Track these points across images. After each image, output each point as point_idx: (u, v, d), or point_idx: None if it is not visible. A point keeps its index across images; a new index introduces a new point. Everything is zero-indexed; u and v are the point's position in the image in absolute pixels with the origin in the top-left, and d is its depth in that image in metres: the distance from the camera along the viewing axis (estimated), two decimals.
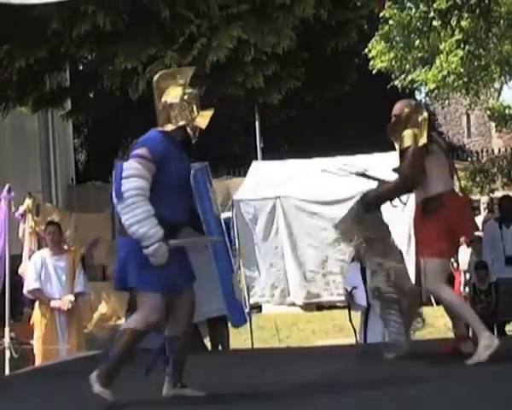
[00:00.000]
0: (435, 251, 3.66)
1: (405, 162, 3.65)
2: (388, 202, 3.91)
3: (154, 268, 3.07)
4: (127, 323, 3.23)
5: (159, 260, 3.04)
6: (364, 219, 3.83)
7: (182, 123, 3.17)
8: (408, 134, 3.68)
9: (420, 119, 3.75)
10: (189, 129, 3.19)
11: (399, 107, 3.87)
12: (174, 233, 3.13)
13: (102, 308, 6.67)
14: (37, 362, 5.45)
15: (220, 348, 5.83)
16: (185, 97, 3.19)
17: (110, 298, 6.67)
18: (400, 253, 4.13)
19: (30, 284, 5.47)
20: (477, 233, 7.70)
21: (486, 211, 8.10)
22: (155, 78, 3.26)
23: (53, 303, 5.41)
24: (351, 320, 5.23)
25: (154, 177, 3.10)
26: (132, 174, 3.07)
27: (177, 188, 3.14)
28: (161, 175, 3.10)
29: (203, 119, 3.21)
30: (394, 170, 3.77)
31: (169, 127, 3.18)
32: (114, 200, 3.14)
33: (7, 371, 5.44)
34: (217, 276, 3.36)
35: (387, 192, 3.83)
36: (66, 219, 6.57)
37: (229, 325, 5.77)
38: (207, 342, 6.00)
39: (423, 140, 3.71)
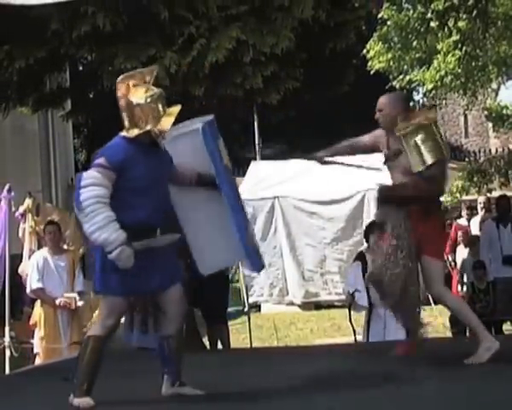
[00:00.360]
0: (438, 251, 3.75)
1: (434, 173, 3.66)
2: None
3: (113, 272, 3.12)
4: (90, 330, 3.33)
5: (125, 264, 3.08)
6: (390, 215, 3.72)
7: (148, 128, 3.15)
8: (432, 146, 3.67)
9: (435, 128, 3.77)
10: (154, 133, 3.17)
11: (386, 101, 3.85)
12: (144, 236, 3.15)
13: None
14: (40, 361, 5.48)
15: (221, 346, 5.85)
16: (149, 99, 3.17)
17: None
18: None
19: (33, 284, 5.51)
20: (475, 233, 7.78)
21: (484, 211, 8.13)
22: (118, 80, 3.25)
23: (58, 301, 5.44)
24: (351, 321, 5.27)
25: (116, 184, 3.13)
26: (91, 183, 3.12)
27: (144, 191, 3.16)
28: (124, 181, 3.14)
29: (168, 119, 3.18)
30: (419, 172, 3.69)
31: (134, 132, 3.17)
32: (75, 210, 3.19)
33: (7, 370, 5.46)
34: (231, 227, 3.30)
35: (411, 195, 3.74)
36: (66, 219, 6.57)
37: (229, 324, 5.81)
38: (206, 341, 6.03)
39: (446, 151, 3.77)
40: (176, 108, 3.24)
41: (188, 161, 3.35)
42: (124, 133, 3.23)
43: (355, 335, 5.39)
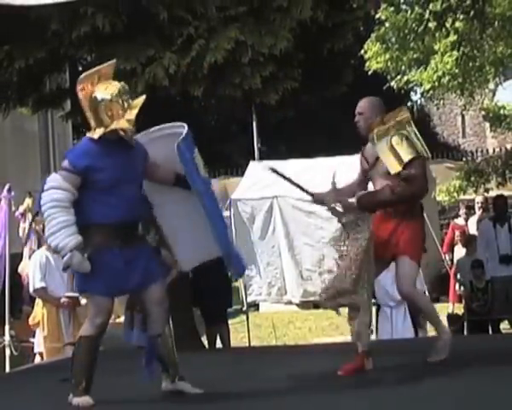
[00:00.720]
0: (416, 253, 3.72)
1: (414, 172, 3.63)
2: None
3: (94, 272, 3.13)
4: (80, 331, 3.31)
5: (78, 269, 3.12)
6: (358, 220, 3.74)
7: (112, 127, 3.11)
8: (407, 143, 3.67)
9: (409, 127, 3.76)
10: (119, 130, 3.13)
11: (367, 105, 3.87)
12: (123, 233, 3.15)
13: None
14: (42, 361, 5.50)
15: (220, 345, 5.87)
16: (110, 95, 3.12)
17: None
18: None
19: (36, 284, 5.51)
20: (472, 232, 7.82)
21: (481, 210, 8.17)
22: (79, 80, 3.22)
23: (63, 301, 5.45)
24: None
25: (84, 185, 3.12)
26: (51, 186, 3.11)
27: (115, 189, 3.14)
28: (92, 182, 3.13)
29: (131, 112, 3.11)
30: (394, 175, 3.67)
31: (97, 133, 3.14)
32: (39, 215, 3.26)
33: (7, 369, 5.49)
34: (210, 227, 3.29)
35: (395, 198, 3.70)
36: None
37: (228, 322, 5.82)
38: (204, 340, 6.05)
39: (423, 149, 3.74)
40: (139, 100, 3.19)
41: (169, 160, 3.29)
42: (89, 134, 3.20)
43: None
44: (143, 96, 3.23)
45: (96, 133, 3.16)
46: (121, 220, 3.16)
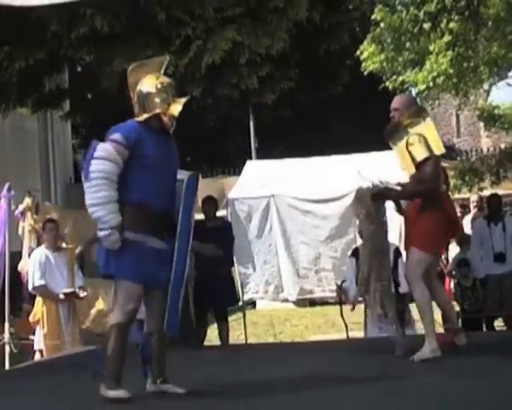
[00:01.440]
0: (426, 244, 3.84)
1: (426, 171, 3.79)
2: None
3: (132, 258, 3.10)
4: (110, 321, 3.23)
5: (109, 246, 3.07)
6: (373, 212, 3.91)
7: (157, 111, 3.18)
8: (420, 143, 3.80)
9: (424, 123, 3.89)
10: (164, 118, 3.19)
11: (403, 102, 3.95)
12: (153, 222, 3.14)
13: (99, 305, 6.76)
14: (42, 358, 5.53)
15: (220, 341, 5.89)
16: (159, 86, 3.20)
17: (107, 294, 6.78)
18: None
19: (35, 281, 5.54)
20: (467, 231, 7.87)
21: (476, 209, 8.22)
22: (129, 69, 3.28)
23: (62, 294, 5.49)
24: (342, 315, 5.37)
25: (128, 161, 3.12)
26: (102, 156, 3.10)
27: (152, 173, 3.15)
28: (134, 159, 3.13)
29: (176, 106, 3.20)
30: (411, 176, 3.86)
31: (144, 116, 3.19)
32: (82, 177, 3.17)
33: (7, 366, 5.52)
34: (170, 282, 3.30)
35: (402, 194, 3.94)
36: (65, 217, 6.66)
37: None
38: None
39: (441, 149, 3.89)
40: (183, 98, 3.26)
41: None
42: (135, 119, 3.24)
43: (347, 331, 5.50)
44: (187, 96, 3.32)
45: (143, 117, 3.20)
46: (156, 208, 3.15)
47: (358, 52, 9.52)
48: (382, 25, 8.89)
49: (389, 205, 4.07)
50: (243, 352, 5.16)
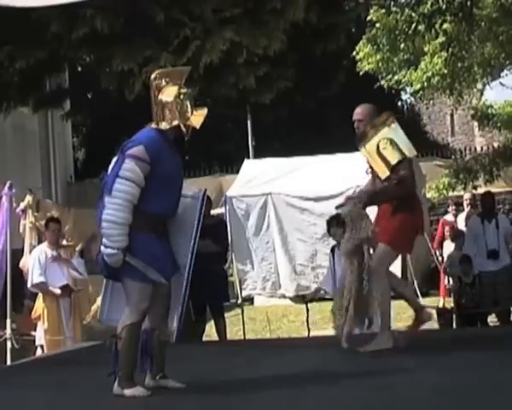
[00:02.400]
0: (394, 241, 3.99)
1: (403, 174, 3.97)
2: None
3: (142, 258, 3.16)
4: (122, 321, 3.24)
5: (111, 264, 3.15)
6: (364, 216, 4.04)
7: (176, 123, 3.24)
8: (392, 147, 3.97)
9: (390, 129, 4.05)
10: (182, 127, 3.26)
11: (365, 112, 4.13)
12: (158, 225, 3.23)
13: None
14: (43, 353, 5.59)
15: (217, 337, 5.96)
16: (180, 96, 3.27)
17: None
18: None
19: (35, 279, 5.61)
20: (460, 228, 7.97)
21: (469, 207, 8.32)
22: (152, 76, 3.35)
23: (57, 291, 5.54)
24: (308, 317, 5.50)
25: (148, 174, 3.19)
26: (130, 178, 3.15)
27: (168, 184, 3.24)
28: (155, 172, 3.19)
29: (197, 118, 3.29)
30: (385, 179, 4.01)
31: (163, 125, 3.26)
32: (104, 189, 3.19)
33: (8, 362, 5.57)
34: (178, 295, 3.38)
35: (385, 196, 4.08)
36: (65, 215, 6.73)
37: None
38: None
39: (412, 151, 4.05)
40: (204, 110, 3.34)
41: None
42: (154, 125, 3.30)
43: (309, 332, 5.62)
44: (205, 108, 3.36)
45: (162, 126, 3.27)
46: (163, 213, 3.25)
47: (354, 52, 9.60)
48: (378, 26, 8.97)
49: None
50: (241, 347, 5.21)
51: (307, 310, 5.56)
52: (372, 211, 4.18)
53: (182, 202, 3.37)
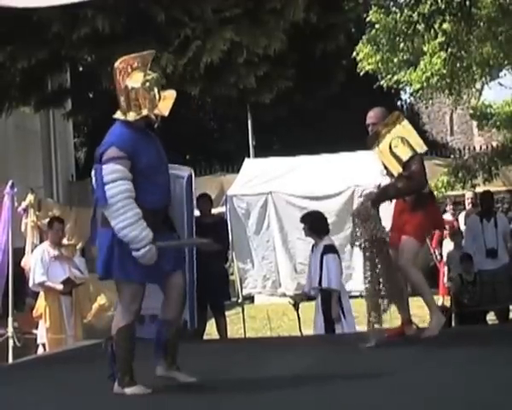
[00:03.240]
0: (416, 231, 4.09)
1: (414, 169, 4.06)
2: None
3: (131, 259, 3.07)
4: (115, 322, 3.21)
5: (148, 262, 3.06)
6: (372, 216, 4.08)
7: (144, 112, 3.09)
8: (403, 144, 4.07)
9: (401, 126, 4.15)
10: (152, 116, 3.11)
11: (378, 115, 4.23)
12: (155, 219, 3.12)
13: (101, 299, 6.86)
14: (45, 352, 5.62)
15: (218, 335, 6.00)
16: (146, 84, 3.10)
17: (108, 289, 6.88)
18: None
19: (37, 278, 5.64)
20: (462, 227, 7.98)
21: (470, 205, 8.34)
22: (116, 63, 3.16)
23: (59, 287, 5.58)
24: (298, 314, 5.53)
25: (130, 168, 3.07)
26: (117, 178, 3.03)
27: (152, 175, 3.13)
28: (135, 166, 3.08)
29: (165, 103, 3.12)
30: (398, 175, 4.09)
31: (132, 116, 3.10)
32: (100, 205, 3.08)
33: (10, 360, 5.59)
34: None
35: (397, 192, 4.17)
36: (67, 214, 6.76)
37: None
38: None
39: (423, 147, 4.17)
40: (171, 92, 3.17)
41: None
42: (121, 117, 3.14)
43: (300, 330, 5.61)
44: (173, 91, 3.20)
45: (130, 117, 3.13)
46: (155, 207, 3.14)
47: (355, 53, 9.64)
48: (377, 26, 9.01)
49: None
50: (242, 345, 5.23)
51: (298, 315, 5.58)
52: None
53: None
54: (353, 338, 4.65)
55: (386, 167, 4.22)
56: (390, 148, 4.09)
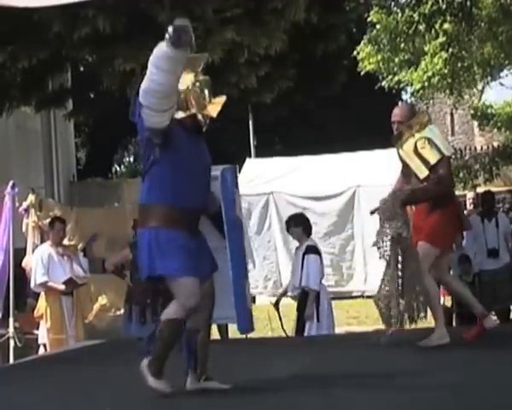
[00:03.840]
0: (435, 240, 4.02)
1: (442, 173, 4.01)
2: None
3: (180, 254, 3.00)
4: (166, 314, 3.06)
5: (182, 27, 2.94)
6: (398, 215, 4.01)
7: (193, 111, 3.08)
8: (431, 146, 4.00)
9: (428, 129, 4.08)
10: (200, 116, 3.10)
11: (404, 113, 4.14)
12: (189, 220, 3.05)
13: (102, 300, 6.89)
14: (46, 352, 5.63)
15: (219, 336, 6.01)
16: (197, 84, 3.10)
17: (109, 290, 6.90)
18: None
19: (38, 279, 5.66)
20: None
21: (472, 206, 8.35)
22: None
23: (61, 287, 5.59)
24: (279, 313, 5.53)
25: (162, 157, 3.00)
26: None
27: (187, 173, 3.06)
28: (169, 157, 3.02)
29: (215, 107, 3.12)
30: (424, 178, 4.03)
31: (179, 115, 3.09)
32: (136, 118, 2.97)
33: (11, 360, 5.62)
34: (230, 280, 3.20)
35: (425, 196, 4.09)
36: (68, 214, 6.78)
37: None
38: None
39: (450, 150, 4.15)
40: (221, 99, 3.17)
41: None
42: None
43: (283, 328, 5.61)
44: (224, 96, 3.20)
45: (178, 115, 3.10)
46: (190, 207, 3.07)
47: (355, 53, 9.66)
48: (378, 26, 9.03)
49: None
50: (243, 346, 5.22)
51: (279, 314, 5.58)
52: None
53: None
54: (354, 339, 4.64)
55: (405, 167, 4.13)
56: (415, 148, 4.01)
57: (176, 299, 3.07)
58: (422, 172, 4.02)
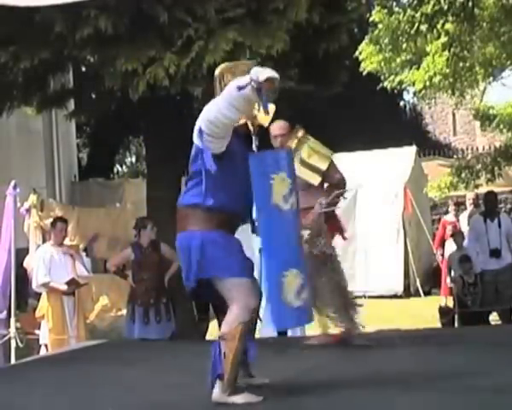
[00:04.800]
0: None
1: (339, 176, 4.32)
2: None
3: (239, 256, 3.00)
4: (229, 323, 2.98)
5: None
6: (322, 232, 4.17)
7: (244, 119, 3.10)
8: (317, 154, 4.26)
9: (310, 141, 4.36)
10: (251, 126, 3.13)
11: (285, 128, 4.44)
12: (232, 223, 3.07)
13: (104, 300, 6.90)
14: (48, 352, 5.63)
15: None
16: None
17: (111, 290, 6.91)
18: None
19: (40, 279, 5.66)
20: (463, 227, 8.00)
21: (472, 206, 8.37)
22: (217, 71, 3.21)
23: (63, 287, 5.59)
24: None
25: (221, 164, 3.02)
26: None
27: (236, 179, 3.07)
28: (223, 163, 3.04)
29: (266, 117, 3.10)
30: (318, 184, 4.24)
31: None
32: (197, 140, 3.02)
33: (12, 360, 5.64)
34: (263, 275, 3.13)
35: (337, 203, 4.32)
36: (69, 214, 6.79)
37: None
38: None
39: (330, 151, 4.39)
40: (272, 107, 3.15)
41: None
42: None
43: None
44: (273, 105, 3.18)
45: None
46: (235, 211, 3.08)
47: (357, 53, 9.65)
48: (380, 26, 9.02)
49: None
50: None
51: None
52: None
53: None
54: (354, 339, 4.64)
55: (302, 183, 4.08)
56: (301, 160, 4.16)
57: (236, 302, 3.00)
58: (316, 179, 4.18)
